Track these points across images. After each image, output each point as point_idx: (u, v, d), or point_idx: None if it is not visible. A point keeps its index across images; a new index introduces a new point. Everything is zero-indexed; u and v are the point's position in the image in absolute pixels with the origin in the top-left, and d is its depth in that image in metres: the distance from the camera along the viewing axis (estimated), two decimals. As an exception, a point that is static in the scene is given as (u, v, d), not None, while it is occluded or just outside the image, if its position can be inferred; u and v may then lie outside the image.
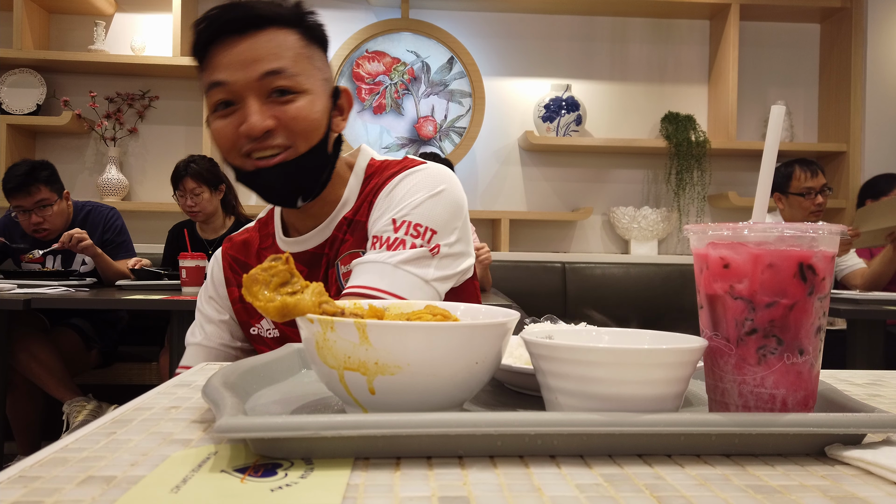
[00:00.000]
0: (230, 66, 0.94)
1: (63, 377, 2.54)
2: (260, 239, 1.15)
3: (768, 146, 0.55)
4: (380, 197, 1.02)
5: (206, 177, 2.84)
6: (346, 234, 1.05)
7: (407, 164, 1.06)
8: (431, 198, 0.99)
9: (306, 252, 1.07)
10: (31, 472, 0.42)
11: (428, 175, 1.02)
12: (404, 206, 0.99)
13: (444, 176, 1.03)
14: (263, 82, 0.94)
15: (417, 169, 1.03)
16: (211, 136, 1.00)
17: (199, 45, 0.96)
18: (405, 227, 0.97)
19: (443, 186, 1.01)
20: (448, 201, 1.01)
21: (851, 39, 3.58)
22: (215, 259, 1.19)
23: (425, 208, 0.98)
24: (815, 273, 0.50)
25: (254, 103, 0.94)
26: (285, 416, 0.44)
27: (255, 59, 0.94)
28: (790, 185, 2.91)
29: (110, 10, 3.60)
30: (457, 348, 0.50)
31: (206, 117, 1.03)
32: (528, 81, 3.71)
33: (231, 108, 0.95)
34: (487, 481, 0.42)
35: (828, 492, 0.41)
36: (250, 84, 0.93)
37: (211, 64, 0.95)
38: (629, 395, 0.48)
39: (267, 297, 0.52)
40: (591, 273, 3.43)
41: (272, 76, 0.94)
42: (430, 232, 0.98)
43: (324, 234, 1.06)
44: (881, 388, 0.75)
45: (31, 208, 2.68)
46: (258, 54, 0.94)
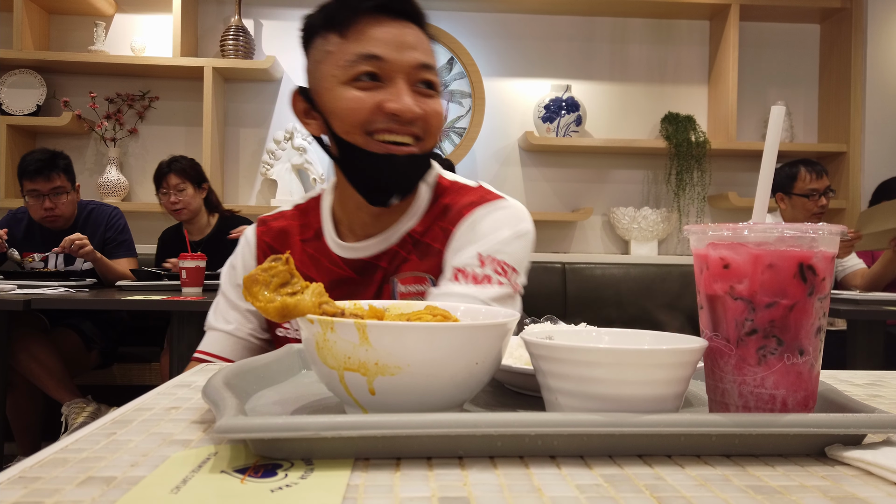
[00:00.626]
0: (389, 43, 0.93)
1: (63, 378, 2.54)
2: (300, 229, 1.10)
3: (768, 146, 0.55)
4: (461, 228, 1.01)
5: (189, 173, 2.87)
6: (409, 253, 1.03)
7: (486, 195, 1.04)
8: (517, 238, 1.00)
9: (360, 260, 1.04)
10: (32, 472, 0.42)
11: (513, 213, 1.02)
12: (491, 242, 0.98)
13: (524, 214, 1.04)
14: (417, 71, 0.95)
15: (501, 205, 1.03)
16: (335, 105, 0.95)
17: (348, 12, 0.94)
18: (492, 263, 0.97)
19: (526, 226, 1.02)
20: (529, 242, 1.02)
21: (851, 40, 3.59)
22: (246, 243, 1.14)
23: (511, 248, 0.99)
24: (815, 273, 0.50)
25: (405, 86, 0.94)
26: (285, 416, 0.44)
27: (414, 46, 0.95)
28: (794, 185, 2.90)
29: (110, 11, 3.60)
30: (457, 349, 0.50)
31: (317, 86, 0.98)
32: (528, 82, 3.71)
33: (375, 83, 0.94)
34: (487, 482, 0.42)
35: (828, 492, 0.41)
36: (405, 67, 0.94)
37: (364, 35, 0.94)
38: (629, 396, 0.48)
39: (267, 297, 0.52)
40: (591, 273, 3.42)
41: (425, 69, 0.95)
42: (513, 272, 0.99)
43: (383, 245, 1.03)
44: (881, 389, 0.75)
45: (46, 193, 2.72)
46: (417, 43, 0.95)
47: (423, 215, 1.04)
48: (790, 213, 2.95)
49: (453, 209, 1.03)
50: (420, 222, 1.04)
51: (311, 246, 1.07)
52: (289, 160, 3.52)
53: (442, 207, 1.04)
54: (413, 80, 0.95)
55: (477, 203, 1.02)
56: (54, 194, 2.74)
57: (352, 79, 0.94)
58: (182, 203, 2.85)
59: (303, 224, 1.10)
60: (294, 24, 3.74)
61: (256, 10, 3.65)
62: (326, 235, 1.07)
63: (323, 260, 1.05)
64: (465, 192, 1.05)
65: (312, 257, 1.06)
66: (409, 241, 1.03)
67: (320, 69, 0.97)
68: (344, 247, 1.05)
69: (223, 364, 1.00)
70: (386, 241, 1.03)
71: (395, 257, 1.03)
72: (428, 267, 1.02)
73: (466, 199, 1.04)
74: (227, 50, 3.47)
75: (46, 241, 2.81)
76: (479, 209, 1.01)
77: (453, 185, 1.08)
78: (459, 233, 1.01)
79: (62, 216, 2.79)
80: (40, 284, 2.45)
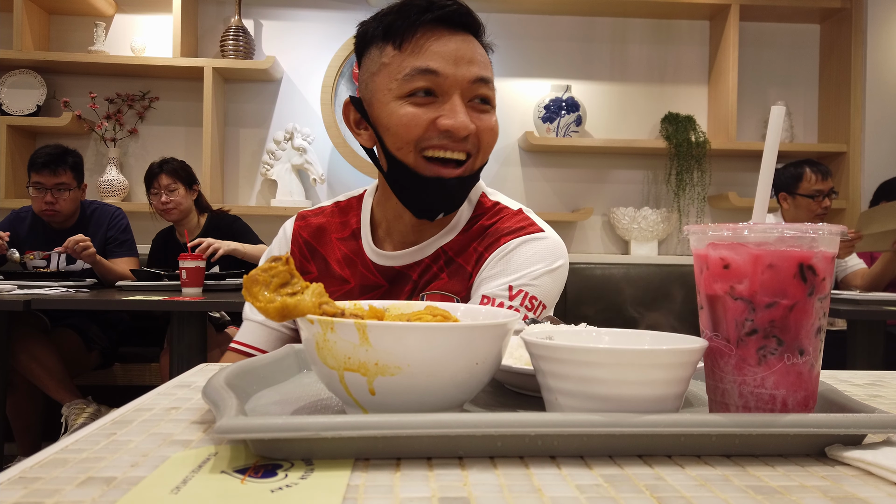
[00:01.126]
0: (446, 58, 0.92)
1: (63, 379, 2.54)
2: (338, 227, 1.09)
3: (768, 147, 0.55)
4: (494, 256, 1.00)
5: (181, 175, 2.88)
6: (441, 269, 1.02)
7: (525, 225, 1.03)
8: (549, 273, 0.99)
9: (392, 268, 1.03)
10: (32, 472, 0.42)
11: (548, 247, 1.01)
12: (523, 275, 0.97)
13: (561, 250, 1.03)
14: (473, 86, 0.93)
15: (538, 237, 1.01)
16: (390, 121, 0.93)
17: (405, 24, 0.93)
18: (521, 297, 0.96)
19: (560, 262, 1.01)
20: (561, 277, 1.01)
21: (851, 40, 3.58)
22: (283, 237, 1.12)
23: (543, 282, 0.98)
24: (815, 273, 0.50)
25: (460, 102, 0.92)
26: (285, 416, 0.44)
27: (472, 60, 0.93)
28: (799, 186, 2.89)
29: (110, 11, 3.60)
30: (457, 349, 0.50)
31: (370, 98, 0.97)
32: (528, 82, 3.71)
33: (431, 98, 0.93)
34: (488, 482, 0.42)
35: (828, 492, 0.41)
36: (461, 83, 0.92)
37: (422, 48, 0.92)
38: (629, 396, 0.48)
39: (267, 297, 0.52)
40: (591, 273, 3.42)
41: (482, 84, 0.94)
42: (542, 307, 0.98)
43: (417, 256, 1.03)
44: (881, 389, 0.75)
45: (49, 187, 2.74)
46: (474, 56, 0.94)
47: (461, 232, 1.04)
48: (793, 214, 2.94)
49: (491, 234, 1.02)
50: (456, 238, 1.03)
51: (347, 246, 1.07)
52: (289, 160, 3.52)
53: (480, 228, 1.03)
54: (469, 95, 0.94)
55: (515, 233, 1.01)
56: (57, 189, 2.75)
57: (407, 94, 0.93)
58: (173, 203, 2.85)
59: (341, 222, 1.09)
60: (294, 24, 3.76)
61: (256, 11, 3.65)
62: (363, 238, 1.07)
63: (358, 263, 1.05)
64: (506, 218, 1.04)
65: (347, 257, 1.06)
66: (442, 256, 1.02)
67: (375, 81, 0.96)
68: (378, 253, 1.04)
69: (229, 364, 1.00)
70: (420, 253, 1.03)
71: (426, 271, 1.02)
72: (457, 288, 1.01)
73: (505, 226, 1.02)
74: (227, 50, 3.47)
75: (49, 240, 2.82)
76: (515, 240, 1.00)
77: (495, 207, 1.06)
78: (493, 261, 0.99)
79: (61, 212, 2.79)
80: (40, 284, 2.45)
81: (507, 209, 1.06)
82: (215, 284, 2.49)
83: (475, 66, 0.94)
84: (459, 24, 0.94)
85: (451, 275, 1.01)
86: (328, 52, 3.58)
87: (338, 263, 1.06)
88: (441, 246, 1.03)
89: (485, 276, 0.99)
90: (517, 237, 1.01)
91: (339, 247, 1.07)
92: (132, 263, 2.90)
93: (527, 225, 1.03)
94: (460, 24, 0.94)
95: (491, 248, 1.01)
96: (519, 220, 1.04)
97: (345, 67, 3.62)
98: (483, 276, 0.99)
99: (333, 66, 3.53)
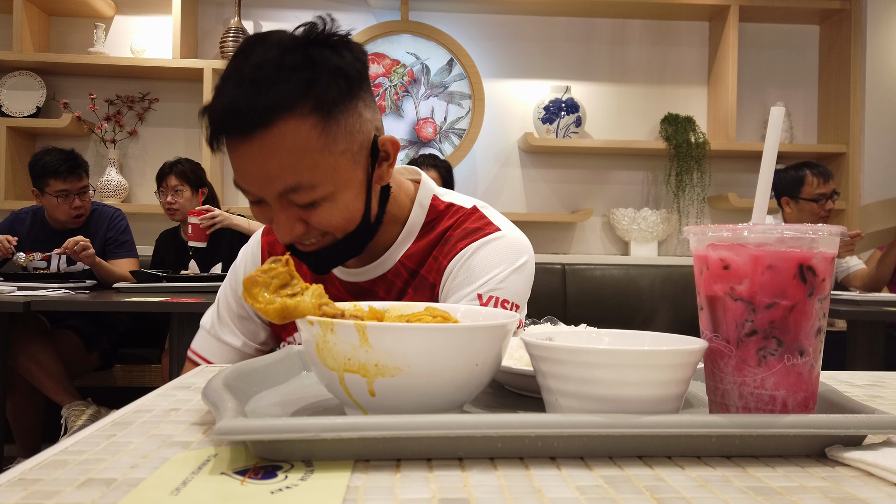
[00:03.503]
0: (246, 176, 0.85)
1: (62, 380, 2.54)
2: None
3: (768, 147, 0.55)
4: (455, 264, 0.97)
5: (189, 177, 2.90)
6: (405, 283, 0.99)
7: (480, 225, 0.99)
8: (514, 272, 0.96)
9: (357, 285, 1.01)
10: (32, 474, 0.42)
11: (508, 246, 0.98)
12: (488, 280, 0.94)
13: (522, 246, 1.00)
14: (284, 198, 0.84)
15: (495, 237, 0.98)
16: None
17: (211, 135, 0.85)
18: (492, 302, 0.94)
19: (524, 259, 0.99)
20: (528, 274, 0.99)
21: (851, 40, 3.59)
22: (250, 253, 1.10)
23: (510, 283, 0.95)
24: (815, 274, 0.50)
25: (279, 213, 0.86)
26: (285, 418, 0.44)
27: (268, 176, 0.83)
28: (801, 190, 2.86)
29: (110, 13, 3.60)
30: (457, 350, 0.50)
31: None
32: (528, 83, 3.71)
33: (262, 203, 0.87)
34: (488, 483, 0.42)
35: (828, 493, 0.41)
36: (271, 199, 0.85)
37: (230, 159, 0.86)
38: (629, 397, 0.48)
39: (267, 299, 0.52)
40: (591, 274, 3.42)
41: (291, 193, 0.84)
42: (514, 307, 0.96)
43: (379, 270, 1.00)
44: (881, 390, 0.75)
45: (76, 192, 2.78)
46: (270, 170, 0.82)
47: (416, 239, 1.01)
48: (796, 217, 2.90)
49: (448, 240, 0.99)
50: (413, 246, 1.00)
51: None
52: (288, 162, 3.52)
53: (437, 234, 1.00)
54: (287, 201, 0.85)
55: (471, 236, 0.98)
56: (82, 193, 2.81)
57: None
58: (177, 205, 2.88)
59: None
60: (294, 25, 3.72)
61: (256, 12, 3.65)
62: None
63: (325, 279, 1.02)
64: (461, 219, 1.01)
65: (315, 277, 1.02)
66: (403, 270, 1.00)
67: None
68: (344, 270, 1.02)
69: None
70: (381, 267, 1.00)
71: (391, 287, 1.00)
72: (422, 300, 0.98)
73: (460, 230, 0.99)
74: (226, 51, 3.47)
75: (50, 241, 2.82)
76: (473, 244, 0.97)
77: (448, 209, 1.02)
78: (454, 269, 0.97)
79: (85, 215, 2.86)
80: (40, 286, 2.45)
81: (461, 209, 1.03)
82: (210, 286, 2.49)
83: (275, 182, 0.83)
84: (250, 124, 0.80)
85: (416, 288, 0.99)
86: (328, 54, 3.58)
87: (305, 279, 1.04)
88: (400, 258, 1.00)
89: (450, 288, 0.97)
90: (473, 241, 0.97)
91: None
92: (132, 264, 2.90)
93: (482, 226, 1.00)
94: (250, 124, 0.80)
95: (449, 256, 0.98)
96: (474, 220, 1.00)
97: (344, 69, 3.62)
98: (448, 287, 0.97)
99: (333, 68, 3.53)
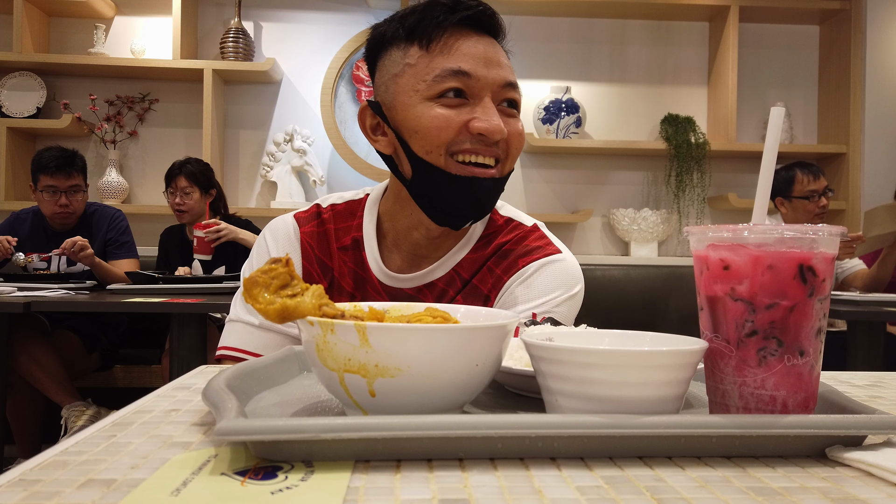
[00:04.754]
0: (477, 59, 0.89)
1: (63, 381, 2.54)
2: (337, 234, 1.02)
3: (768, 148, 0.55)
4: (514, 280, 0.98)
5: (199, 178, 2.89)
6: (456, 292, 0.99)
7: (542, 245, 1.01)
8: (570, 298, 0.99)
9: (403, 290, 0.98)
10: (32, 475, 0.42)
11: (567, 270, 1.00)
12: (546, 301, 0.96)
13: (579, 273, 1.02)
14: (503, 90, 0.91)
15: (557, 259, 1.00)
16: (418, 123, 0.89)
17: (432, 24, 0.89)
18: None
19: (578, 288, 1.00)
20: (578, 303, 1.01)
21: (851, 41, 3.59)
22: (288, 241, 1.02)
23: (563, 309, 0.97)
24: (815, 275, 0.50)
25: (492, 105, 0.89)
26: (285, 418, 0.44)
27: (501, 63, 0.91)
28: (793, 189, 2.90)
29: (110, 14, 3.60)
30: (457, 350, 0.50)
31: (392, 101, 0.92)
32: (528, 84, 3.71)
33: (461, 100, 0.89)
34: (488, 483, 0.42)
35: (829, 493, 0.41)
36: (492, 86, 0.90)
37: (451, 49, 0.89)
38: (629, 397, 0.48)
39: (267, 299, 0.52)
40: (591, 275, 3.42)
41: (510, 88, 0.91)
42: None
43: (429, 277, 0.98)
44: (881, 390, 0.75)
45: (64, 190, 2.78)
46: (500, 60, 0.91)
47: (473, 249, 1.00)
48: (792, 216, 2.95)
49: (508, 255, 1.00)
50: (468, 256, 1.00)
51: (350, 257, 1.01)
52: (289, 162, 3.52)
53: (496, 247, 1.00)
54: (498, 99, 0.91)
55: (532, 254, 0.99)
56: (71, 192, 2.79)
57: (437, 95, 0.88)
58: (186, 206, 2.87)
59: (342, 228, 1.03)
60: (294, 26, 3.76)
61: (256, 13, 3.65)
62: (368, 251, 1.00)
63: (366, 282, 1.00)
64: (522, 236, 1.01)
65: (356, 274, 1.00)
66: (456, 279, 0.99)
67: (398, 83, 0.91)
68: (387, 274, 0.99)
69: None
70: (432, 274, 0.99)
71: (442, 294, 0.99)
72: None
73: (522, 248, 1.00)
74: (226, 52, 3.47)
75: (50, 242, 2.82)
76: (534, 263, 0.98)
77: (509, 224, 1.03)
78: (513, 285, 0.98)
79: (75, 214, 2.84)
80: (40, 286, 2.45)
81: (521, 226, 1.03)
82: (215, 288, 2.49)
83: (504, 70, 0.91)
84: (486, 26, 0.92)
85: (465, 297, 0.98)
86: (328, 54, 3.58)
87: (342, 277, 1.00)
88: (454, 266, 0.99)
89: (505, 301, 0.98)
90: (536, 259, 0.99)
91: (341, 258, 1.01)
92: (132, 265, 2.90)
93: (544, 245, 1.01)
94: (487, 26, 0.92)
95: (509, 271, 0.99)
96: (535, 238, 1.02)
97: (344, 69, 3.63)
98: (504, 300, 0.98)
99: (333, 68, 3.54)
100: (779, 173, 2.97)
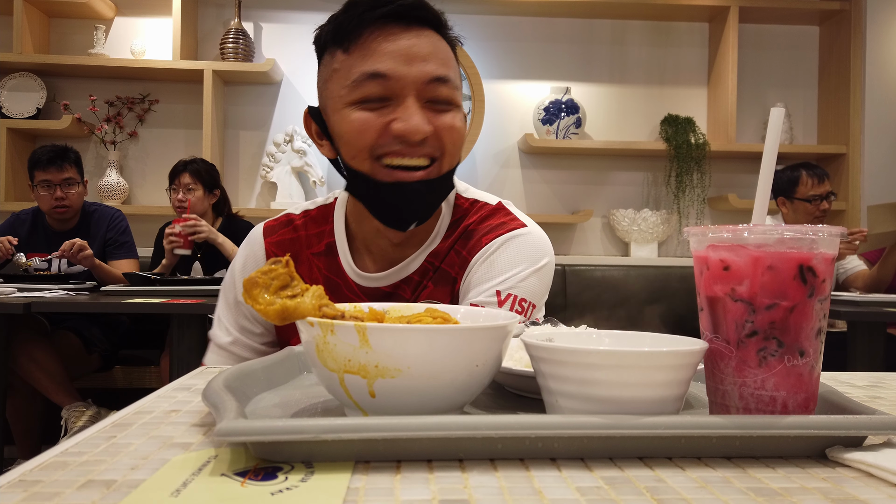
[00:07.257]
0: (396, 57, 0.85)
1: (63, 381, 2.54)
2: (311, 240, 1.02)
3: (768, 148, 0.55)
4: (477, 259, 0.96)
5: (203, 177, 2.89)
6: (427, 280, 0.97)
7: (505, 222, 0.98)
8: (535, 272, 0.95)
9: (379, 290, 0.98)
10: (32, 476, 0.42)
11: (531, 243, 0.97)
12: (508, 277, 0.93)
13: (545, 246, 0.99)
14: (429, 87, 0.86)
15: (520, 234, 0.97)
16: (341, 129, 0.87)
17: (352, 25, 0.87)
18: (510, 301, 0.92)
19: (546, 260, 0.97)
20: (547, 274, 0.98)
21: (850, 41, 3.59)
22: (251, 253, 1.04)
23: (529, 283, 0.94)
24: (815, 275, 0.50)
25: (414, 104, 0.85)
26: (285, 419, 0.44)
27: (424, 58, 0.86)
28: (796, 190, 2.90)
29: (110, 14, 3.60)
30: (457, 351, 0.50)
31: (325, 106, 0.92)
32: (528, 84, 3.72)
33: (384, 102, 0.86)
34: (488, 484, 0.42)
35: (829, 494, 0.41)
36: (415, 83, 0.85)
37: (369, 49, 0.85)
38: (630, 398, 0.48)
39: (267, 300, 0.52)
40: (591, 275, 3.42)
41: (438, 83, 0.87)
42: (531, 307, 0.94)
43: (403, 273, 0.98)
44: (882, 390, 0.75)
45: (58, 183, 2.78)
46: (427, 54, 0.86)
47: (443, 238, 0.99)
48: (792, 217, 2.96)
49: (473, 235, 0.98)
50: (440, 245, 0.99)
51: (323, 263, 1.00)
52: (289, 163, 3.53)
53: (462, 230, 0.99)
54: (426, 97, 0.87)
55: (496, 231, 0.97)
56: (66, 185, 2.79)
57: (358, 100, 0.86)
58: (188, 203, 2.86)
59: (314, 234, 1.03)
60: (294, 26, 3.76)
61: (256, 13, 3.65)
62: (341, 255, 1.00)
63: (341, 286, 0.99)
64: (486, 215, 1.00)
65: (329, 280, 0.99)
66: (429, 268, 0.98)
67: (328, 88, 0.91)
68: (361, 275, 0.98)
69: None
70: (406, 269, 0.98)
71: (417, 287, 0.98)
72: (442, 294, 0.97)
73: (486, 226, 0.98)
74: (226, 53, 3.47)
75: (50, 242, 2.82)
76: (497, 239, 0.96)
77: (472, 205, 1.01)
78: (477, 264, 0.96)
79: (71, 208, 2.84)
80: (40, 287, 2.45)
81: (486, 205, 1.01)
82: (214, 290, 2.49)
83: (430, 64, 0.86)
84: (413, 18, 0.87)
85: (435, 282, 0.97)
86: (328, 55, 3.58)
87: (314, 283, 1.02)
88: (426, 257, 0.98)
89: (470, 283, 0.95)
90: (498, 235, 0.96)
91: (315, 264, 1.00)
92: (132, 265, 2.91)
93: (508, 220, 0.98)
94: (414, 18, 0.87)
95: (473, 250, 0.97)
96: (500, 216, 1.00)
97: (344, 70, 3.62)
98: (469, 280, 0.96)
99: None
100: (783, 173, 2.97)
